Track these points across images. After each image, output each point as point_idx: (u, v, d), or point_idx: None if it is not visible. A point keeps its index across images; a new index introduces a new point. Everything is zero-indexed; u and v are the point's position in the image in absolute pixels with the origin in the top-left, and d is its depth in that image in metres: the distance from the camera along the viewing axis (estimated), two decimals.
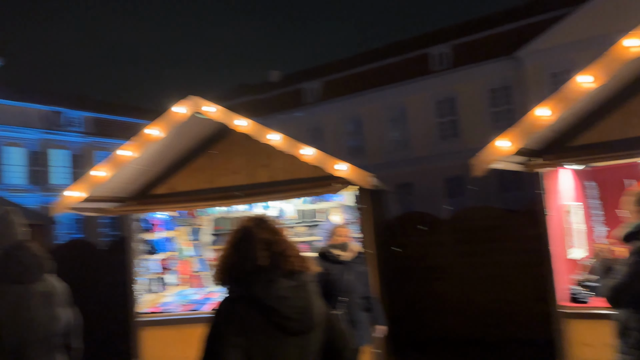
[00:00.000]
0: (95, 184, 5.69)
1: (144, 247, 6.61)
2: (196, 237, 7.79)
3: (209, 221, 8.05)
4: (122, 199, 6.35)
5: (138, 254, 6.44)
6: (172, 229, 7.27)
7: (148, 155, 5.98)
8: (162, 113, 5.77)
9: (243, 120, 5.67)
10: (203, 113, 5.66)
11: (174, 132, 5.88)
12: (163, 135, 5.79)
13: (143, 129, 5.61)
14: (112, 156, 5.69)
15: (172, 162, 6.55)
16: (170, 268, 7.02)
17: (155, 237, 6.86)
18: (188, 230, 7.64)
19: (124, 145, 5.65)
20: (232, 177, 6.47)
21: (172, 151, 6.34)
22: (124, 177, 6.02)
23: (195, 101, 5.70)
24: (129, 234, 6.44)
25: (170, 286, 6.92)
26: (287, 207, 7.35)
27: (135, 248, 6.39)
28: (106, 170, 5.66)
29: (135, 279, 6.21)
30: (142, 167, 6.10)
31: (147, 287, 6.44)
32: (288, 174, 6.23)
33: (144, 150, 5.78)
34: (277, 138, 5.61)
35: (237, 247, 2.05)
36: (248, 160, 6.39)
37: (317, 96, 31.32)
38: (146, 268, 6.49)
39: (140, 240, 6.53)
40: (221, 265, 2.07)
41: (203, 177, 6.57)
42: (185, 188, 6.59)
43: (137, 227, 6.49)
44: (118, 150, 5.63)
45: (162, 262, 6.91)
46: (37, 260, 2.63)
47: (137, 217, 6.47)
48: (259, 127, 5.72)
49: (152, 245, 6.81)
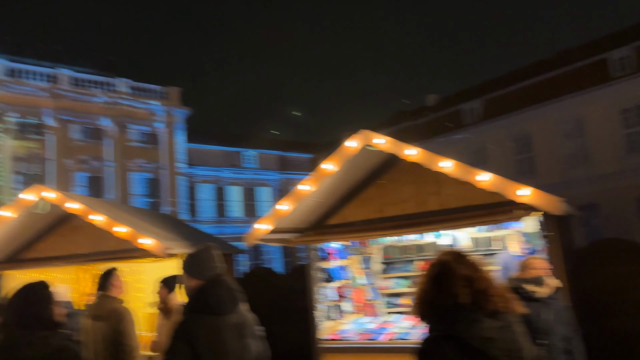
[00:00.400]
0: (279, 216, 6.20)
1: (322, 275, 6.95)
2: (367, 266, 7.95)
3: (378, 250, 8.17)
4: (302, 230, 6.80)
5: (317, 281, 6.79)
6: (346, 257, 7.52)
7: (323, 188, 6.34)
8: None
9: (412, 150, 5.69)
10: (374, 145, 5.83)
11: (346, 165, 6.15)
12: (337, 169, 6.10)
13: (319, 164, 5.98)
14: (293, 191, 6.16)
15: (344, 194, 6.83)
16: (346, 296, 7.25)
17: (331, 266, 7.17)
18: (359, 259, 7.85)
19: (303, 180, 6.08)
20: (401, 205, 6.50)
21: (344, 183, 6.62)
22: (304, 210, 6.45)
23: (366, 134, 5.91)
24: (308, 262, 6.84)
25: (346, 314, 7.13)
26: (460, 236, 7.10)
27: (314, 276, 6.75)
28: (288, 204, 6.14)
29: (316, 305, 6.54)
30: (319, 199, 6.48)
31: (326, 314, 6.73)
32: (460, 201, 6.03)
33: (320, 183, 6.15)
34: (448, 165, 5.50)
35: (436, 282, 2.03)
36: (417, 188, 6.36)
37: (478, 116, 30.05)
38: (325, 295, 6.79)
39: (318, 268, 6.88)
40: (420, 299, 2.06)
41: (373, 206, 6.71)
42: (356, 218, 6.80)
43: (316, 256, 6.86)
44: (298, 185, 6.07)
45: (338, 290, 7.18)
46: (233, 294, 2.74)
47: (315, 246, 6.85)
48: (429, 154, 5.68)
49: (329, 273, 7.13)
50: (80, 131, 24.19)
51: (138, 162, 25.66)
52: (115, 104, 25.17)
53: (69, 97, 23.83)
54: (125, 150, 25.28)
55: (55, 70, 23.92)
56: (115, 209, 8.30)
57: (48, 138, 23.09)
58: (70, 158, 23.51)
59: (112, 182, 24.60)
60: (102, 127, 24.85)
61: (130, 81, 26.20)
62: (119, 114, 25.33)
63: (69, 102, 23.77)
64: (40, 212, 7.18)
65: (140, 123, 26.16)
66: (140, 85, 26.65)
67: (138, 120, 26.05)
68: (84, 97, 24.26)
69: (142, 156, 25.85)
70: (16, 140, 22.13)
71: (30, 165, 22.40)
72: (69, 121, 23.79)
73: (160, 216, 11.95)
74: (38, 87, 23.07)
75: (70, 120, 23.87)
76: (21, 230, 7.47)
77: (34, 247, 7.75)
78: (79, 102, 24.08)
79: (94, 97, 24.55)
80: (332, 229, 6.84)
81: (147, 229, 7.17)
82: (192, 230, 11.16)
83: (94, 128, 24.68)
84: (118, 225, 6.51)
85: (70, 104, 23.82)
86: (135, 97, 26.01)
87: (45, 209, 7.13)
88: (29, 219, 7.33)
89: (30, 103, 22.78)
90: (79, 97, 24.12)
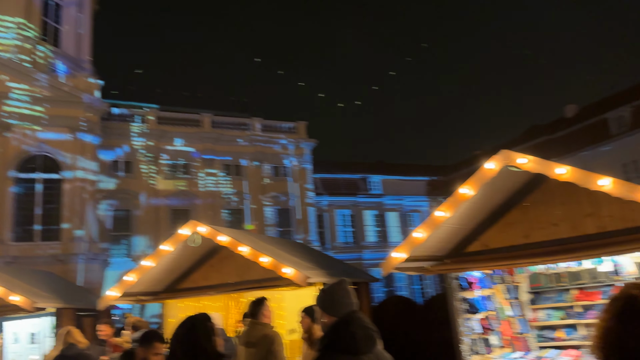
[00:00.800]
0: (415, 244, 6.05)
1: (463, 305, 6.59)
2: (514, 295, 7.37)
3: (524, 278, 7.55)
4: (439, 258, 6.55)
5: (458, 312, 6.46)
6: (489, 286, 7.06)
7: (460, 214, 6.06)
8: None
9: (563, 168, 5.21)
10: (517, 166, 5.46)
11: (484, 188, 5.83)
12: (474, 193, 5.81)
13: (457, 189, 5.75)
14: (430, 217, 5.98)
15: (484, 219, 6.46)
16: (492, 328, 6.77)
17: (474, 295, 6.78)
18: (504, 288, 7.31)
19: (440, 206, 5.89)
20: (551, 230, 5.96)
21: (483, 207, 6.27)
22: (440, 237, 6.23)
23: (506, 154, 5.56)
24: (447, 292, 6.55)
25: (494, 348, 6.64)
26: (624, 261, 6.27)
27: (455, 306, 6.43)
28: (424, 231, 5.97)
29: (461, 338, 6.20)
30: (456, 225, 6.21)
31: (472, 348, 6.34)
32: (622, 222, 5.37)
33: (457, 208, 5.89)
34: (606, 183, 4.93)
35: (622, 320, 1.77)
36: (569, 210, 5.79)
37: (627, 125, 26.83)
38: (469, 327, 6.42)
39: (460, 298, 6.55)
40: (602, 339, 1.81)
41: (517, 231, 6.25)
42: (499, 244, 6.38)
43: (455, 285, 6.54)
44: (435, 211, 5.89)
45: (482, 322, 6.73)
46: (368, 332, 2.61)
47: (455, 275, 6.55)
48: (583, 173, 5.15)
49: (472, 304, 6.73)
50: (222, 169, 26.40)
51: (270, 194, 27.17)
52: (251, 142, 27.15)
53: (212, 138, 26.23)
54: (259, 185, 26.97)
55: (198, 115, 26.58)
56: (256, 239, 8.81)
57: (193, 175, 25.55)
58: (212, 196, 25.67)
59: (249, 214, 26.32)
60: (241, 165, 26.89)
61: (262, 120, 28.10)
62: (254, 151, 27.22)
63: (211, 144, 26.17)
64: (193, 245, 7.88)
65: (272, 158, 27.81)
66: (271, 123, 28.44)
67: (270, 156, 27.73)
68: (226, 138, 26.54)
69: (274, 189, 27.35)
70: (167, 179, 24.82)
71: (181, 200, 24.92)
72: (213, 160, 26.14)
73: (295, 245, 12.42)
74: (186, 131, 25.79)
75: (214, 160, 26.21)
76: (178, 263, 8.25)
77: (189, 277, 8.49)
78: (220, 144, 26.41)
79: (236, 138, 26.75)
80: (472, 257, 6.49)
81: (287, 258, 7.47)
82: (326, 258, 11.40)
83: (234, 165, 26.80)
84: (262, 255, 6.87)
85: (212, 146, 26.19)
86: (268, 134, 27.78)
87: (197, 242, 7.81)
88: (184, 252, 8.07)
89: (181, 147, 25.51)
90: (221, 138, 26.43)
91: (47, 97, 20.86)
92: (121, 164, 24.13)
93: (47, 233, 20.04)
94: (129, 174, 24.14)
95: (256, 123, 27.81)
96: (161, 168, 24.87)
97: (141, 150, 24.58)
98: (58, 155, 20.78)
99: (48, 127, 20.71)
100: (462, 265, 6.48)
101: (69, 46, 23.85)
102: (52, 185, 20.65)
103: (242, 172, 26.88)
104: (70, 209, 20.33)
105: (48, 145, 20.68)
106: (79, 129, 21.31)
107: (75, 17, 24.46)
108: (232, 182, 26.38)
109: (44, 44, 22.46)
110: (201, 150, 25.89)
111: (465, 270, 6.58)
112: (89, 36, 24.97)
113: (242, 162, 26.95)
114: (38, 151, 20.59)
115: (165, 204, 24.48)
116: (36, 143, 20.51)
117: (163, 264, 8.03)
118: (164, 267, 8.14)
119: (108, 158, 23.58)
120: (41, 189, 20.38)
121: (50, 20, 23.40)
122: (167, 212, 24.42)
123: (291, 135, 28.62)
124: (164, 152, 25.11)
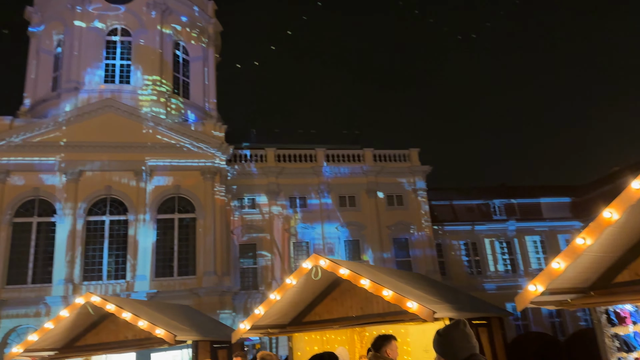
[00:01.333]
0: (553, 276, 5.52)
1: (615, 342, 5.82)
2: None
3: None
4: (583, 290, 5.89)
5: (610, 350, 5.71)
6: None
7: (605, 240, 5.42)
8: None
9: None
10: None
11: (631, 211, 5.17)
12: (619, 217, 5.17)
13: (601, 214, 5.17)
14: (570, 246, 5.43)
15: (633, 245, 5.72)
16: None
17: (628, 332, 5.96)
18: None
19: (581, 233, 5.33)
20: None
21: (632, 232, 5.56)
22: (583, 266, 5.61)
23: None
24: (596, 328, 5.84)
25: None
26: None
27: (606, 344, 5.70)
28: (563, 261, 5.42)
29: None
30: (600, 254, 5.56)
31: None
32: None
33: (600, 235, 5.28)
34: None
35: None
36: None
37: None
38: None
39: (610, 335, 5.80)
40: None
41: None
42: None
43: (605, 320, 5.82)
44: (577, 239, 5.33)
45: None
46: None
47: (603, 309, 5.83)
48: None
49: (625, 341, 5.92)
50: (338, 201, 26.82)
51: (386, 225, 26.90)
52: (366, 174, 27.34)
53: (328, 174, 26.95)
54: (376, 214, 26.86)
55: (313, 150, 27.50)
56: (377, 272, 8.71)
57: (312, 207, 26.33)
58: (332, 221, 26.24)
59: (369, 245, 26.26)
60: (356, 195, 27.15)
61: (373, 150, 28.23)
62: (370, 181, 27.33)
63: (326, 178, 26.88)
64: (314, 279, 8.01)
65: (387, 188, 27.65)
66: (384, 152, 28.41)
67: (385, 186, 27.61)
68: (342, 170, 27.11)
69: (390, 219, 27.05)
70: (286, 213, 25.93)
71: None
72: (330, 192, 26.76)
73: (416, 277, 12.06)
74: (304, 166, 26.82)
75: (331, 192, 26.84)
76: (302, 296, 8.42)
77: (313, 310, 8.62)
78: (337, 177, 27.05)
79: (352, 169, 27.22)
80: (622, 287, 5.74)
81: (410, 292, 7.25)
82: (451, 290, 10.87)
83: (351, 196, 27.10)
84: (384, 288, 6.76)
85: (327, 180, 26.88)
86: (381, 164, 27.81)
87: (317, 276, 7.93)
88: (307, 285, 8.23)
89: (298, 182, 26.57)
90: (337, 171, 27.04)
91: (182, 146, 23.20)
92: (249, 200, 25.75)
93: (183, 269, 21.92)
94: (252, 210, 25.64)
95: (369, 154, 27.98)
96: (277, 202, 25.98)
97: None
98: (191, 197, 22.85)
99: (182, 171, 22.93)
100: (612, 298, 5.76)
101: (197, 96, 26.42)
102: (187, 224, 22.67)
103: (357, 202, 27.03)
104: (204, 248, 22.10)
105: (184, 187, 22.86)
106: (209, 172, 23.28)
107: (202, 70, 27.13)
108: (352, 212, 26.68)
109: (176, 96, 25.16)
110: (316, 183, 26.64)
111: (615, 303, 5.84)
112: (213, 86, 27.45)
113: (357, 192, 27.20)
114: (174, 193, 22.82)
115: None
116: (174, 186, 22.77)
117: (288, 297, 8.24)
118: (289, 300, 8.35)
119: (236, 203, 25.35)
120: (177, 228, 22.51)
121: (180, 75, 26.24)
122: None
123: (404, 163, 28.31)
124: (282, 189, 26.28)
